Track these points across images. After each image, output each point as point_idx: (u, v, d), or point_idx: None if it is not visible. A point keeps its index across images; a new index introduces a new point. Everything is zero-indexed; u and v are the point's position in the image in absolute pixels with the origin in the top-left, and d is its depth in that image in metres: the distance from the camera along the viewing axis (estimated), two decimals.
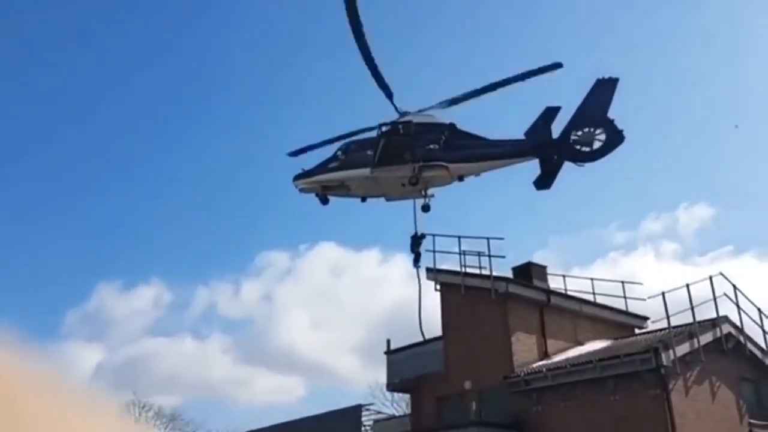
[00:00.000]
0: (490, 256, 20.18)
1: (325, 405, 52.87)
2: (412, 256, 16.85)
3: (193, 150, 79.71)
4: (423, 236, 17.08)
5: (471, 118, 15.65)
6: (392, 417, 32.71)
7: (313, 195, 15.95)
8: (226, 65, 74.55)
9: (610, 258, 66.07)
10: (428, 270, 22.08)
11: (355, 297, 69.12)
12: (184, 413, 52.79)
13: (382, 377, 41.05)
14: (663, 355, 15.65)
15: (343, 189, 15.48)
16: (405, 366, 22.55)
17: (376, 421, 29.71)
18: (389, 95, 14.68)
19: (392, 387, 23.86)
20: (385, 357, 23.40)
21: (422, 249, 16.55)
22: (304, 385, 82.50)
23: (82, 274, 76.80)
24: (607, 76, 14.37)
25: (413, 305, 19.22)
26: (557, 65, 14.26)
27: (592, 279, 23.21)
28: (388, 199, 15.98)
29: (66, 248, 74.97)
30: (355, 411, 29.85)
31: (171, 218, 79.46)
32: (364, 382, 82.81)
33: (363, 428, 28.50)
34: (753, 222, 66.79)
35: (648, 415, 15.71)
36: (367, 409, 31.12)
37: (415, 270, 16.48)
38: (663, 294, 16.57)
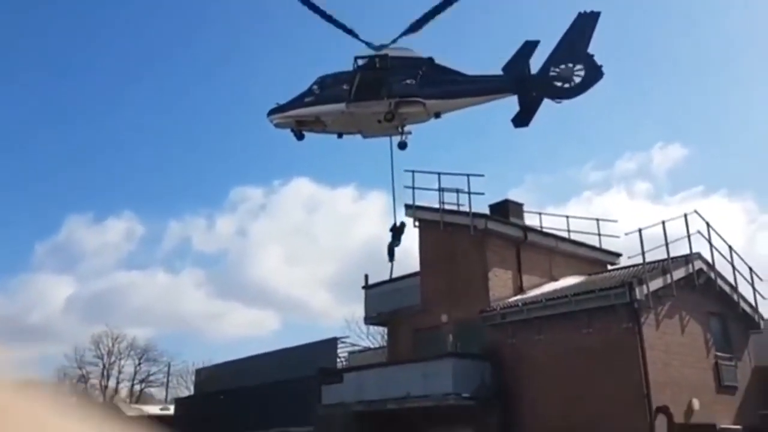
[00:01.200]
0: (469, 193, 20.26)
1: (299, 339, 53.83)
2: (390, 239, 16.85)
3: (169, 83, 77.75)
4: (403, 225, 17.03)
5: (450, 54, 15.39)
6: (367, 349, 33.45)
7: (288, 130, 15.67)
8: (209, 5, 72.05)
9: (584, 197, 67.09)
10: (407, 207, 22.15)
11: (329, 233, 69.43)
12: (158, 345, 53.45)
13: (357, 312, 41.75)
14: (637, 290, 16.00)
15: (318, 125, 15.21)
16: (382, 300, 22.84)
17: (351, 353, 30.37)
18: (352, 33, 14.29)
19: (370, 320, 24.21)
20: (361, 292, 23.65)
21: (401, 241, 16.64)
22: (277, 320, 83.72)
23: (52, 205, 75.78)
24: (588, 10, 14.15)
25: (387, 242, 19.38)
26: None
27: (567, 217, 23.52)
28: (364, 136, 15.75)
29: (35, 179, 73.57)
30: (331, 343, 30.43)
31: (144, 151, 78.18)
32: (338, 316, 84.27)
33: (339, 360, 29.11)
34: (725, 162, 68.00)
35: (620, 347, 16.16)
36: (343, 342, 31.78)
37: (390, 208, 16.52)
38: (639, 230, 16.87)
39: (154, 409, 42.12)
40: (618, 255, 22.86)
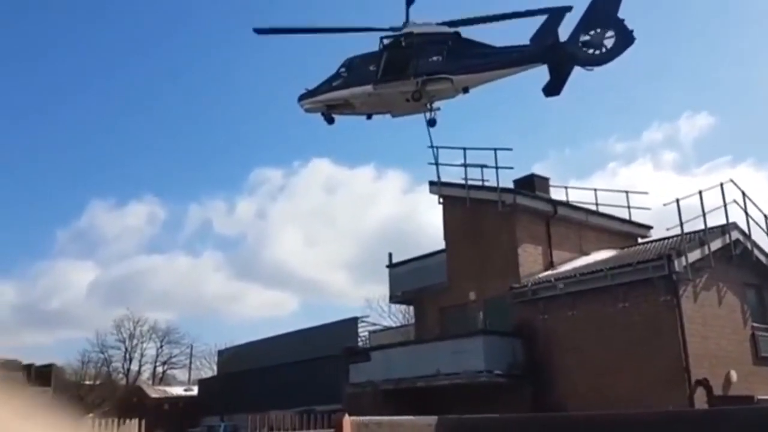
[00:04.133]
0: (497, 167, 19.87)
1: (318, 319, 53.97)
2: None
3: (187, 66, 77.37)
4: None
5: (477, 29, 15.06)
6: (388, 328, 33.37)
7: (318, 115, 15.55)
8: None
9: (609, 169, 66.28)
10: (431, 183, 21.84)
11: (348, 214, 69.26)
12: (179, 328, 53.72)
13: (376, 291, 41.70)
14: (675, 262, 15.63)
15: (348, 107, 15.16)
16: (407, 279, 22.61)
17: (372, 332, 30.28)
18: (371, 29, 14.18)
19: (395, 299, 24.01)
20: (381, 271, 23.43)
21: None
22: (296, 301, 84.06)
23: (74, 191, 76.02)
24: None
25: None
26: (566, 9, 13.67)
27: (595, 190, 23.03)
28: (394, 116, 15.64)
29: (58, 165, 73.77)
30: (352, 323, 30.38)
31: (165, 135, 78.04)
32: (357, 296, 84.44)
33: (359, 339, 29.04)
34: (753, 130, 66.81)
35: (658, 321, 15.83)
36: (363, 321, 31.74)
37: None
38: (677, 200, 16.42)
39: (177, 390, 42.54)
40: (649, 228, 22.44)
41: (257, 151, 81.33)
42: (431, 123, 15.24)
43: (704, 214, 16.92)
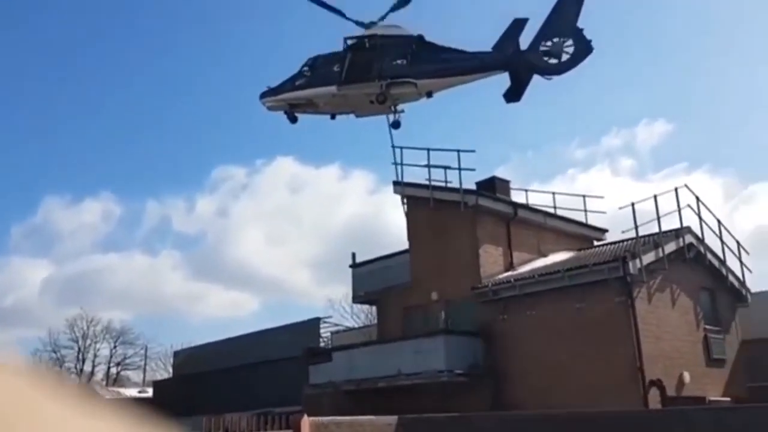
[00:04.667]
0: (460, 169, 20.02)
1: (279, 320, 53.49)
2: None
3: (148, 60, 75.87)
4: None
5: (441, 33, 15.27)
6: (350, 329, 33.27)
7: (281, 113, 15.44)
8: None
9: (568, 174, 67.41)
10: (395, 183, 21.89)
11: (312, 213, 68.84)
12: (135, 328, 52.68)
13: (339, 292, 41.62)
14: (630, 264, 15.98)
15: (311, 106, 15.10)
16: (370, 279, 22.59)
17: (334, 333, 30.15)
18: (339, 13, 14.15)
19: (358, 299, 23.97)
20: (344, 271, 23.37)
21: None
22: (257, 301, 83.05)
23: (27, 186, 73.73)
24: None
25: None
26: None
27: (553, 193, 23.47)
28: (357, 116, 15.66)
29: (12, 160, 71.45)
30: (314, 323, 30.17)
31: (124, 131, 76.30)
32: (319, 297, 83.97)
33: (321, 340, 28.87)
34: (709, 138, 68.76)
35: (612, 321, 16.17)
36: (326, 322, 31.57)
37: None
38: (632, 204, 16.80)
39: (131, 392, 41.63)
40: (604, 231, 22.92)
41: (220, 149, 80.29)
42: (395, 125, 15.36)
43: (659, 218, 17.38)
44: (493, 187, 22.10)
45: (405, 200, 21.87)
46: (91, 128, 75.61)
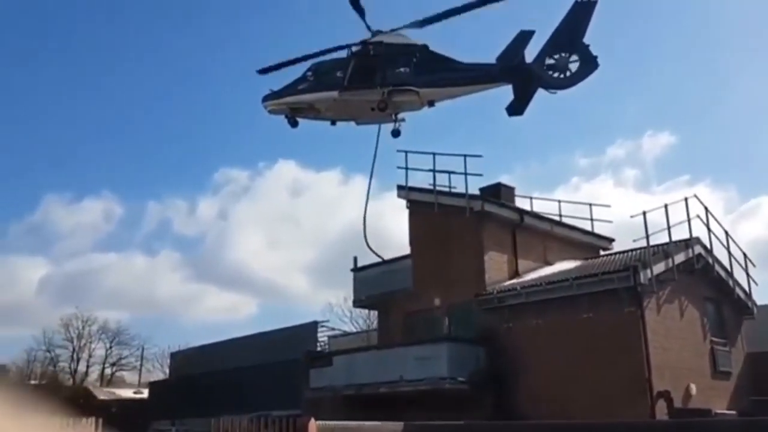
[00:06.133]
0: (466, 174, 19.79)
1: (276, 323, 53.13)
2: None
3: (153, 60, 75.68)
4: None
5: (446, 43, 15.11)
6: (348, 333, 32.98)
7: (282, 117, 15.35)
8: None
9: (572, 184, 67.28)
10: (399, 187, 21.68)
11: (312, 217, 68.60)
12: (131, 329, 52.27)
13: (338, 296, 41.31)
14: (641, 274, 15.76)
15: (312, 111, 15.05)
16: (372, 283, 22.34)
17: (331, 337, 29.87)
18: (361, 13, 14.01)
19: (358, 303, 23.71)
20: (343, 275, 23.16)
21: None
22: (255, 304, 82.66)
23: (29, 184, 73.33)
24: None
25: (370, 226, 19.04)
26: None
27: (559, 201, 23.21)
28: (358, 123, 15.61)
29: (13, 157, 71.05)
30: (312, 327, 29.88)
31: (127, 130, 76.03)
32: (317, 301, 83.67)
33: (318, 344, 28.58)
34: (712, 151, 68.77)
35: (621, 332, 15.93)
36: (323, 326, 31.27)
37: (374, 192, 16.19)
38: (644, 213, 16.57)
39: (127, 393, 41.22)
40: (611, 240, 22.72)
41: (222, 151, 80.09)
42: (395, 134, 15.32)
43: (669, 228, 17.15)
44: (498, 193, 21.88)
45: (409, 204, 21.64)
46: (94, 127, 75.48)
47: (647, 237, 16.64)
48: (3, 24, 68.85)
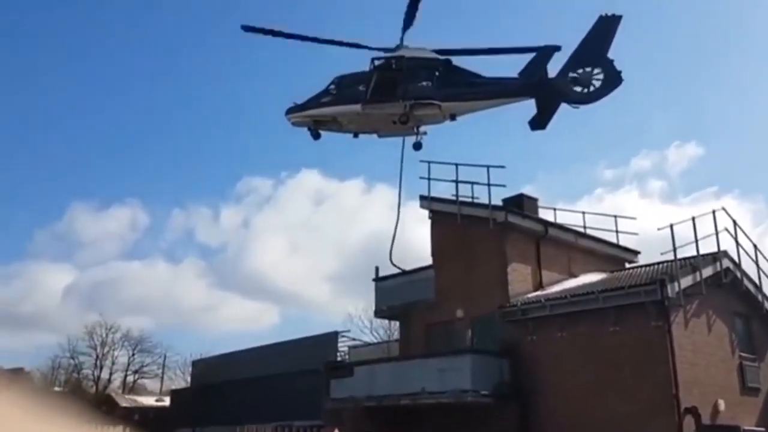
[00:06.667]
0: (489, 184, 19.69)
1: (297, 332, 53.20)
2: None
3: (179, 71, 76.68)
4: None
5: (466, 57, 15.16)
6: (368, 344, 32.85)
7: (305, 129, 15.50)
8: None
9: (596, 195, 66.64)
10: (422, 198, 21.62)
11: (334, 226, 68.70)
12: (153, 336, 52.66)
13: (359, 306, 41.22)
14: (669, 287, 15.51)
15: (335, 124, 15.24)
16: (394, 294, 22.22)
17: (351, 348, 29.78)
18: (362, 46, 14.22)
19: (380, 314, 23.62)
20: (364, 285, 23.10)
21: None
22: (276, 313, 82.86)
23: (55, 192, 74.41)
24: (610, 13, 13.82)
25: (390, 235, 18.96)
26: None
27: (583, 213, 22.99)
28: (380, 136, 15.71)
29: (41, 165, 72.25)
30: (332, 337, 29.81)
31: (154, 139, 77.00)
32: (338, 311, 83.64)
33: (339, 354, 28.51)
34: (740, 162, 67.74)
35: (648, 346, 15.68)
36: (344, 336, 31.19)
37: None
38: (671, 226, 16.34)
39: (149, 400, 41.46)
40: (637, 253, 22.43)
41: (247, 159, 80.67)
42: (417, 146, 15.41)
43: (696, 241, 16.90)
44: (521, 204, 21.72)
45: (431, 214, 21.57)
46: (121, 134, 76.43)
47: (674, 250, 16.40)
48: (38, 34, 70.28)
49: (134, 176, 76.66)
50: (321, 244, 67.90)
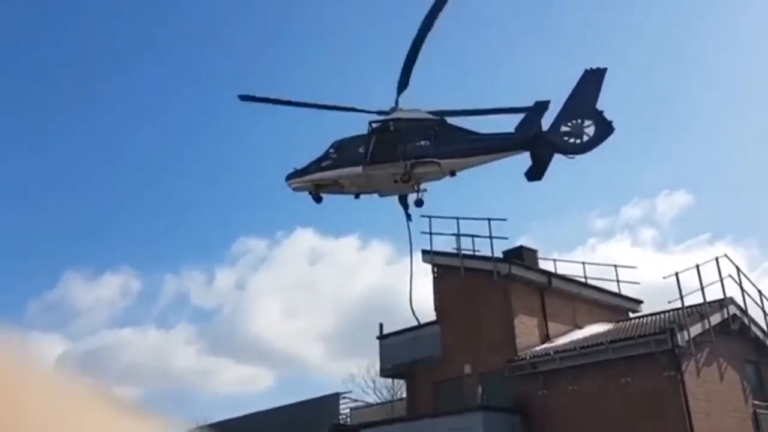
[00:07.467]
0: (491, 237, 19.77)
1: (294, 395, 51.99)
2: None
3: (171, 133, 77.16)
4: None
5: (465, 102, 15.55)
6: (370, 405, 32.13)
7: (305, 193, 15.71)
8: (213, 45, 72.43)
9: (589, 244, 66.69)
10: (424, 252, 21.56)
11: (329, 285, 68.04)
12: (147, 405, 51.38)
13: (354, 366, 40.48)
14: (678, 336, 15.44)
15: (336, 187, 15.46)
16: (398, 351, 21.91)
17: (353, 409, 29.11)
18: (402, 88, 14.59)
19: (386, 373, 23.23)
20: (363, 344, 22.85)
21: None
22: (272, 376, 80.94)
23: (48, 260, 73.43)
24: (595, 67, 14.31)
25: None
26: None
27: (583, 263, 23.01)
28: (381, 195, 15.93)
29: (34, 234, 71.60)
30: (333, 399, 29.17)
31: (149, 203, 76.71)
32: (335, 371, 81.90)
33: (341, 417, 27.85)
34: (731, 208, 68.41)
35: (661, 397, 15.48)
36: (345, 397, 30.52)
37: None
38: (676, 274, 16.39)
39: None
40: (639, 302, 22.38)
41: (242, 221, 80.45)
42: (418, 203, 15.61)
43: (702, 288, 16.92)
44: (521, 256, 21.73)
45: (435, 269, 21.53)
46: (116, 201, 76.24)
47: (681, 298, 16.39)
48: (25, 101, 70.97)
49: (128, 242, 75.96)
50: (317, 304, 67.17)
